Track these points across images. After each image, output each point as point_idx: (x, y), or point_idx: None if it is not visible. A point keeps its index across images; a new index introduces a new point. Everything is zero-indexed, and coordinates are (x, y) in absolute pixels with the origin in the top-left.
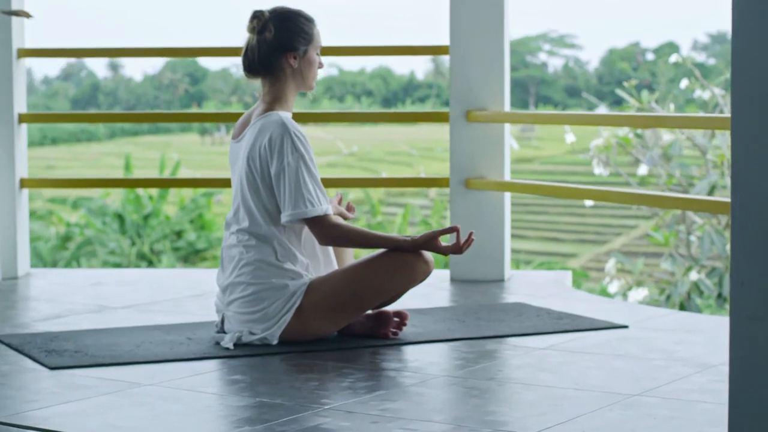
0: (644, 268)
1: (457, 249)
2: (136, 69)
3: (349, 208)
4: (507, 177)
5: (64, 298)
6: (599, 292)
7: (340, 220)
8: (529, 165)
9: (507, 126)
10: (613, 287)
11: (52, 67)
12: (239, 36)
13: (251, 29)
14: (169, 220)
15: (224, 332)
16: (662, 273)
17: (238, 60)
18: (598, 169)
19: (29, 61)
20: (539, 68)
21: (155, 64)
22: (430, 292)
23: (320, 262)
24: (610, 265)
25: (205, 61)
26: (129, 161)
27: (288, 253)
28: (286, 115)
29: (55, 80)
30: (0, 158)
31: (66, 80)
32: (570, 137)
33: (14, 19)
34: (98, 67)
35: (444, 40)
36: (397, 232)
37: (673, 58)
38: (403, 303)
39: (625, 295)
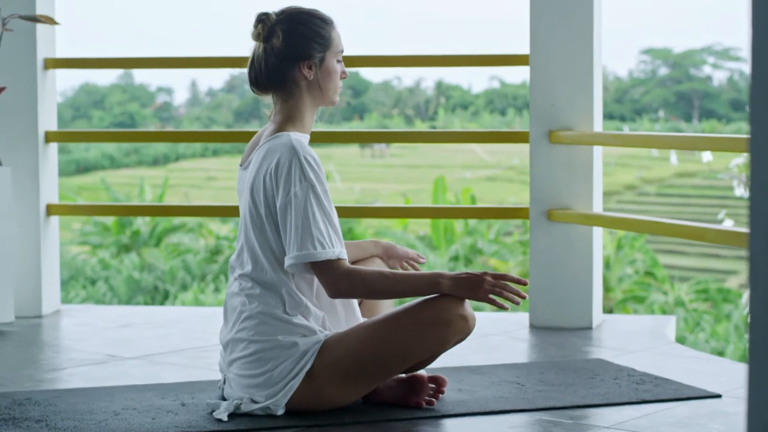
0: None
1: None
2: None
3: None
4: (597, 208)
5: (75, 345)
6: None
7: (379, 265)
8: (691, 180)
9: (598, 149)
10: None
11: (217, 79)
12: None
13: (256, 36)
14: None
15: (224, 398)
16: None
17: (399, 71)
18: (739, 190)
19: (194, 73)
20: (703, 81)
21: None
22: (501, 343)
23: (339, 315)
24: (746, 297)
25: (367, 73)
26: None
27: (298, 305)
28: (297, 136)
29: (219, 92)
30: (22, 182)
31: (230, 92)
32: (707, 156)
33: (39, 27)
34: None
35: (524, 48)
36: None
37: None
38: (462, 355)
39: None
